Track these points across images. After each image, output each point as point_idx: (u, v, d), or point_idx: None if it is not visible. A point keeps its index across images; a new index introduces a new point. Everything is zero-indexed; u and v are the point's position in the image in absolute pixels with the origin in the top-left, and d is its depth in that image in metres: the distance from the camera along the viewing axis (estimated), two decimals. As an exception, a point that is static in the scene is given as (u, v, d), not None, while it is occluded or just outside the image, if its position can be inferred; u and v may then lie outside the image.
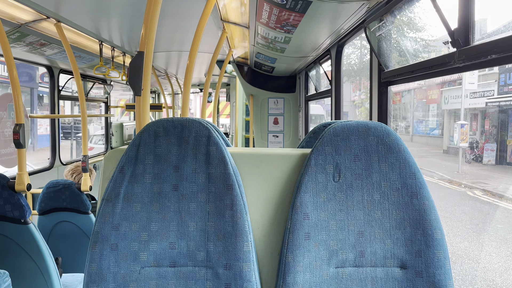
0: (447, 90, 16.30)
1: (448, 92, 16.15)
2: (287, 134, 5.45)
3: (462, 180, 11.75)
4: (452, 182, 11.58)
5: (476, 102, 13.80)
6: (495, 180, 11.51)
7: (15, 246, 2.29)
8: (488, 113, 13.76)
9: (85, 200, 3.02)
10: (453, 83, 15.82)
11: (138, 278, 1.20)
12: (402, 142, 1.23)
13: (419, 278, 1.18)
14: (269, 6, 2.33)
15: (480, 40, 1.36)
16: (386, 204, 1.21)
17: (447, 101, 16.20)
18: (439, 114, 17.92)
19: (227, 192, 1.22)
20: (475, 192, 10.31)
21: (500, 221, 8.27)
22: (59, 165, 5.14)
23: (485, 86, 13.50)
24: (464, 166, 13.03)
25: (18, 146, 2.66)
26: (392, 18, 2.05)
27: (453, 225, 7.96)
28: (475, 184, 11.01)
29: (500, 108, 13.10)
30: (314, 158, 1.23)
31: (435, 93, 17.97)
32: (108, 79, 6.73)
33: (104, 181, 1.32)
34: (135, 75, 1.37)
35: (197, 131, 1.24)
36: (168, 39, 4.08)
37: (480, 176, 12.09)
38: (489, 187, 10.60)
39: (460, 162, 12.86)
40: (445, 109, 16.56)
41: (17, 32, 3.21)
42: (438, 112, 18.04)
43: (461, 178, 12.11)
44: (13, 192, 2.29)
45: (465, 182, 11.40)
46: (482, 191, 10.26)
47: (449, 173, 12.62)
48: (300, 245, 1.19)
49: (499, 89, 12.88)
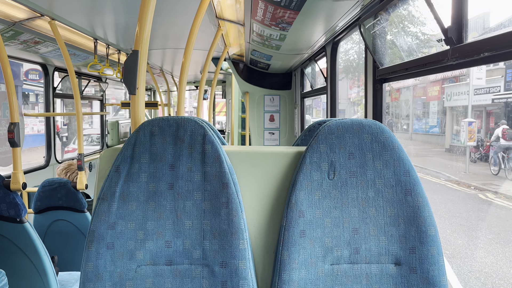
0: (449, 87, 15.74)
1: (450, 89, 15.60)
2: (283, 131, 5.45)
3: (471, 181, 10.92)
4: (460, 183, 10.75)
5: (481, 99, 13.15)
6: (504, 181, 10.75)
7: (11, 245, 2.28)
8: (494, 110, 13.21)
9: (81, 198, 3.02)
10: (454, 79, 15.43)
11: (135, 277, 1.21)
12: (397, 139, 1.23)
13: (413, 274, 1.20)
14: (264, 4, 2.33)
15: (473, 38, 1.37)
16: (380, 201, 1.22)
17: (449, 98, 15.60)
18: (440, 111, 17.51)
19: (223, 191, 1.22)
20: (487, 194, 9.46)
21: (524, 229, 7.38)
22: (55, 164, 5.13)
23: (490, 82, 12.84)
24: (470, 166, 12.34)
25: (13, 145, 2.65)
26: (386, 15, 2.06)
27: (473, 235, 7.11)
28: (485, 185, 10.24)
29: (508, 105, 12.51)
30: (309, 156, 1.23)
31: (435, 90, 17.66)
32: (103, 77, 6.70)
33: (100, 180, 1.32)
34: (130, 74, 1.37)
35: (193, 129, 1.24)
36: (163, 37, 4.07)
37: (488, 176, 11.35)
38: (501, 189, 9.86)
39: (468, 162, 12.21)
40: (448, 106, 15.89)
41: (11, 30, 3.19)
42: (439, 109, 17.65)
43: (470, 179, 11.26)
44: (9, 191, 2.28)
45: (474, 183, 10.58)
46: (494, 193, 9.46)
47: (456, 174, 11.80)
48: (295, 242, 1.20)
49: (506, 85, 12.26)
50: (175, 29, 3.67)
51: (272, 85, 5.38)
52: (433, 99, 17.92)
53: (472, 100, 13.30)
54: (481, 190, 9.90)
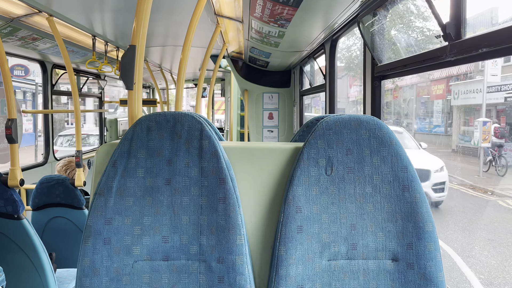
0: (457, 85, 14.74)
1: (458, 87, 14.61)
2: (282, 129, 5.45)
3: (486, 186, 10.08)
4: (475, 188, 9.89)
5: (492, 97, 12.33)
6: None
7: (9, 241, 2.28)
8: (507, 109, 12.49)
9: (79, 195, 3.01)
10: (460, 77, 14.36)
11: (131, 272, 1.21)
12: (394, 135, 1.23)
13: (410, 270, 1.20)
14: (262, 0, 2.32)
15: (472, 34, 1.36)
16: (378, 197, 1.22)
17: (457, 96, 14.58)
18: (445, 110, 16.69)
19: (220, 186, 1.22)
20: (507, 201, 8.67)
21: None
22: (53, 161, 5.12)
23: (504, 80, 12.01)
24: (482, 168, 11.50)
25: (10, 141, 2.65)
26: (385, 12, 2.05)
27: (506, 253, 6.22)
28: (503, 191, 9.50)
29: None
30: (307, 152, 1.23)
31: (440, 88, 17.00)
32: (102, 74, 6.69)
33: (97, 175, 1.31)
34: (127, 69, 1.37)
35: (190, 125, 1.24)
36: (162, 34, 4.06)
37: (503, 180, 10.55)
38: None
39: (481, 164, 11.32)
40: (455, 105, 14.91)
41: (9, 26, 3.18)
42: (444, 108, 16.93)
43: (485, 183, 10.41)
44: (6, 188, 2.28)
45: (490, 188, 9.79)
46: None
47: (469, 177, 10.91)
48: (292, 238, 1.20)
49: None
50: (174, 26, 3.66)
51: (271, 83, 5.37)
52: (438, 97, 17.00)
53: (480, 98, 12.52)
54: (499, 196, 9.11)
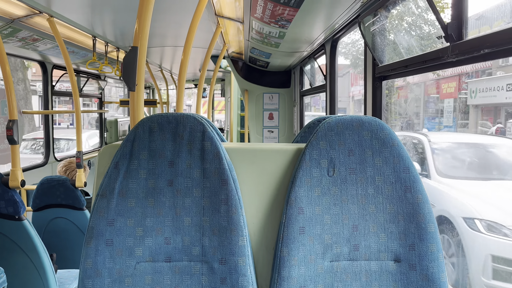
0: (474, 82, 13.30)
1: (475, 84, 13.16)
2: (282, 129, 5.45)
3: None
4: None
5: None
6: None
7: (10, 242, 2.28)
8: None
9: (80, 196, 3.01)
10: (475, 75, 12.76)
11: (134, 273, 1.21)
12: (396, 136, 1.23)
13: (413, 271, 1.20)
14: (263, 1, 2.32)
15: (473, 35, 1.36)
16: (380, 198, 1.22)
17: (474, 95, 13.13)
18: (458, 109, 15.42)
19: (222, 187, 1.22)
20: None
21: None
22: (53, 161, 5.12)
23: None
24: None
25: (11, 142, 2.65)
26: (386, 12, 2.05)
27: None
28: None
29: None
30: (309, 153, 1.23)
31: (451, 86, 15.69)
32: (102, 75, 6.69)
33: (99, 177, 1.31)
34: (129, 70, 1.37)
35: (192, 126, 1.24)
36: (162, 34, 4.06)
37: None
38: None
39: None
40: (471, 104, 13.51)
41: (9, 27, 3.18)
42: (456, 107, 15.68)
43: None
44: (7, 188, 2.28)
45: None
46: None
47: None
48: (294, 239, 1.20)
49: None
50: (174, 26, 3.66)
51: (271, 83, 5.37)
52: (449, 96, 15.45)
53: (502, 96, 11.16)
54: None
